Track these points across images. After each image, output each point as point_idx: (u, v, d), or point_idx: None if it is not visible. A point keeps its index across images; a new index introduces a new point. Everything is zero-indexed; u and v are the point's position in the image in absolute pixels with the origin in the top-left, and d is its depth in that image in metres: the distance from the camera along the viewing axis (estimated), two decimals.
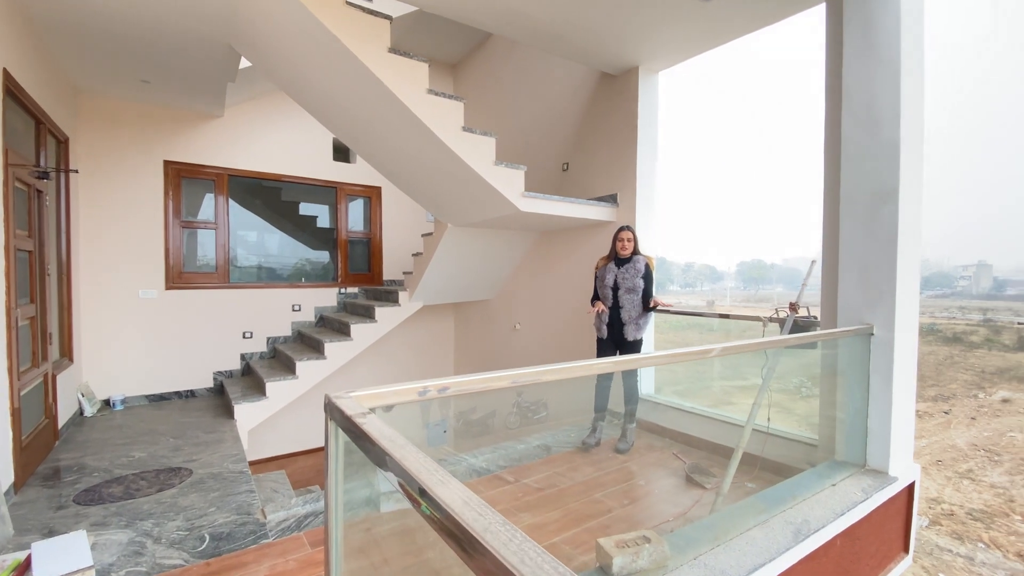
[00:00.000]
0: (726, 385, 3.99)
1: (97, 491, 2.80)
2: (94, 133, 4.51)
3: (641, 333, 3.47)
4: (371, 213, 6.44)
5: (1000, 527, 6.52)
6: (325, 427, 0.89)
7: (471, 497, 0.56)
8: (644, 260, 3.48)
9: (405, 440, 0.70)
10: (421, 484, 0.61)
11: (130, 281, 4.75)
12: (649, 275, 3.48)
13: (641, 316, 3.47)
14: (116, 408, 4.54)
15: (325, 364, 4.70)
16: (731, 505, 2.40)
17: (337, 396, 0.87)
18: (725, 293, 18.32)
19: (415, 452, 0.67)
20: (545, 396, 4.72)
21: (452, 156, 3.18)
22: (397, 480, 0.66)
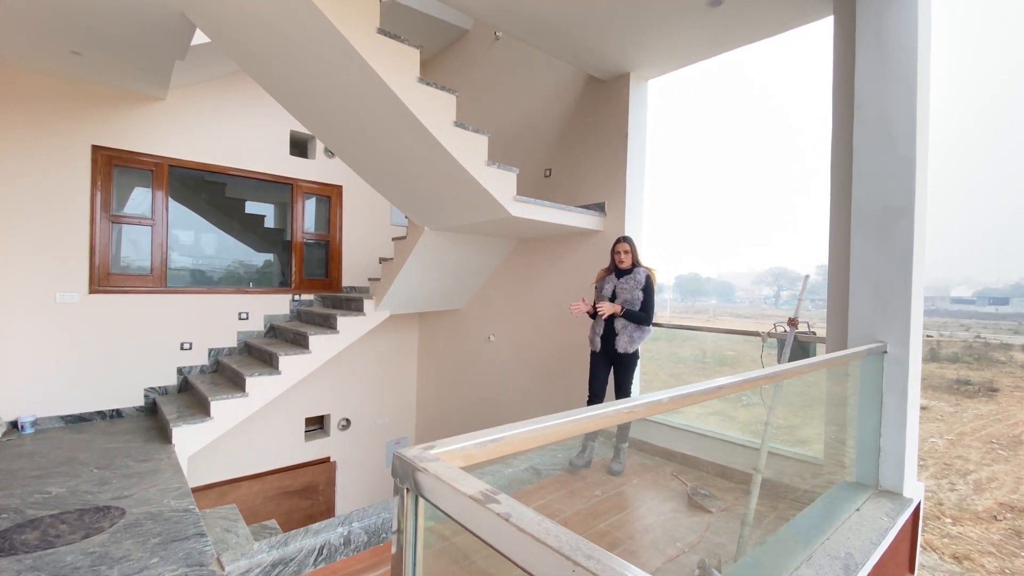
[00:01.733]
0: (713, 399, 3.92)
1: (7, 538, 2.26)
2: (10, 110, 3.85)
3: (635, 346, 3.30)
4: (330, 214, 5.98)
5: (933, 530, 6.93)
6: (402, 506, 0.61)
7: None
8: (645, 272, 3.32)
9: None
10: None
11: (46, 282, 4.07)
12: (649, 288, 3.30)
13: (637, 329, 3.29)
14: (25, 431, 3.85)
15: (280, 379, 4.23)
16: (770, 537, 2.26)
17: (421, 458, 0.60)
18: (665, 304, 18.64)
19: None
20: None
21: (442, 153, 2.91)
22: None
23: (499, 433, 0.68)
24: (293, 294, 5.64)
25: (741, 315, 5.24)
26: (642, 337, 3.32)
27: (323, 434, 5.80)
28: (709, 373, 4.36)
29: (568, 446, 3.68)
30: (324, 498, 5.78)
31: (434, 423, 6.15)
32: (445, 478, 0.52)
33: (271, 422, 5.19)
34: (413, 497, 0.58)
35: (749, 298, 5.35)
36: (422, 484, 0.57)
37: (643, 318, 3.27)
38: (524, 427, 0.69)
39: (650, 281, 3.31)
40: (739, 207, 18.82)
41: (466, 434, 0.68)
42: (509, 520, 0.42)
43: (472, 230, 4.12)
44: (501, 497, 0.49)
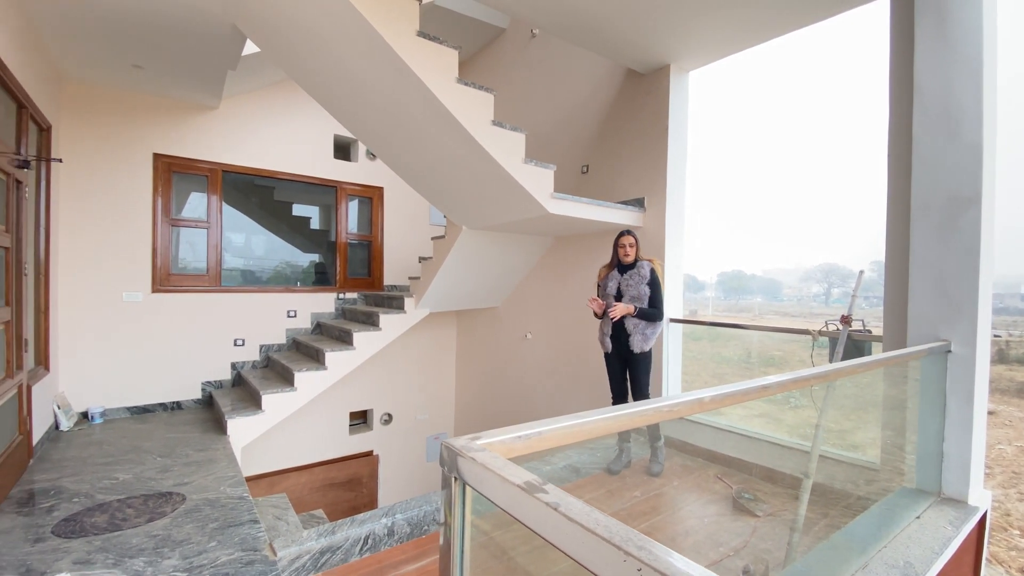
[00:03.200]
0: (760, 399, 3.80)
1: (78, 520, 2.45)
2: (79, 123, 4.15)
3: (648, 344, 3.20)
4: (372, 214, 6.14)
5: (1000, 542, 6.46)
6: (449, 496, 0.62)
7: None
8: (650, 265, 3.20)
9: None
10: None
11: (113, 282, 4.38)
12: (655, 282, 3.19)
13: (649, 326, 3.19)
14: (95, 422, 4.15)
15: (325, 375, 4.39)
16: (820, 545, 2.18)
17: (468, 448, 0.61)
18: (707, 303, 17.72)
19: None
20: None
21: (479, 151, 2.94)
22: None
23: (541, 427, 0.68)
24: (338, 293, 5.83)
25: (788, 313, 5.02)
26: (655, 333, 3.23)
27: (366, 428, 5.97)
28: (754, 374, 4.21)
29: (606, 445, 3.65)
30: (367, 490, 5.95)
31: (472, 420, 6.22)
32: (492, 467, 0.53)
33: (318, 416, 5.38)
34: (460, 486, 0.60)
35: (797, 296, 5.12)
36: (470, 473, 0.58)
37: (655, 315, 3.17)
38: (565, 422, 0.69)
39: (655, 274, 3.20)
40: (786, 201, 18.07)
41: (509, 427, 0.69)
42: (558, 509, 0.43)
43: (509, 228, 4.14)
44: (548, 487, 0.49)
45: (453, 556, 0.64)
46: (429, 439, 6.47)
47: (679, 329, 3.85)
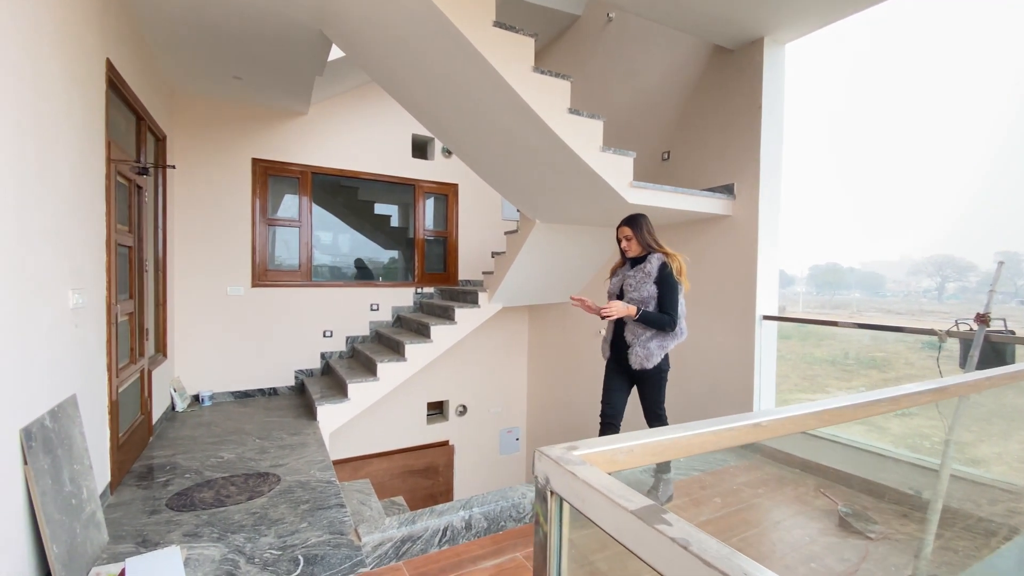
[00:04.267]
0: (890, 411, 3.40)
1: (189, 496, 2.69)
2: (188, 132, 4.57)
3: (651, 361, 2.56)
4: (448, 211, 6.25)
5: None
6: (545, 511, 0.55)
7: None
8: (661, 259, 2.59)
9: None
10: None
11: (219, 277, 4.80)
12: (667, 280, 2.53)
13: (654, 338, 2.56)
14: (205, 404, 4.58)
15: (405, 366, 4.52)
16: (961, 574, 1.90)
17: (566, 460, 0.54)
18: (797, 299, 16.45)
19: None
20: None
21: (555, 141, 2.85)
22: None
23: (646, 438, 0.60)
24: (416, 287, 6.00)
25: (892, 311, 4.46)
26: (663, 347, 2.59)
27: (442, 419, 6.12)
28: (852, 376, 3.80)
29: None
30: (444, 479, 6.10)
31: (544, 415, 6.16)
32: (598, 486, 0.46)
33: (398, 405, 5.58)
34: (557, 501, 0.53)
35: (903, 291, 4.53)
36: (568, 489, 0.51)
37: (663, 321, 2.50)
38: (674, 433, 0.60)
39: (667, 270, 2.54)
40: (891, 186, 15.80)
41: (609, 437, 0.61)
42: (688, 549, 0.35)
43: (584, 221, 4.02)
44: (670, 517, 0.41)
45: (550, 573, 0.58)
46: (502, 432, 6.50)
47: (773, 329, 3.54)
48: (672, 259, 2.59)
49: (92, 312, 2.41)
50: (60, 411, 1.98)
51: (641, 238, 2.65)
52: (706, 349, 3.80)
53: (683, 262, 2.61)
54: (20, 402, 1.69)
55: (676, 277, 2.55)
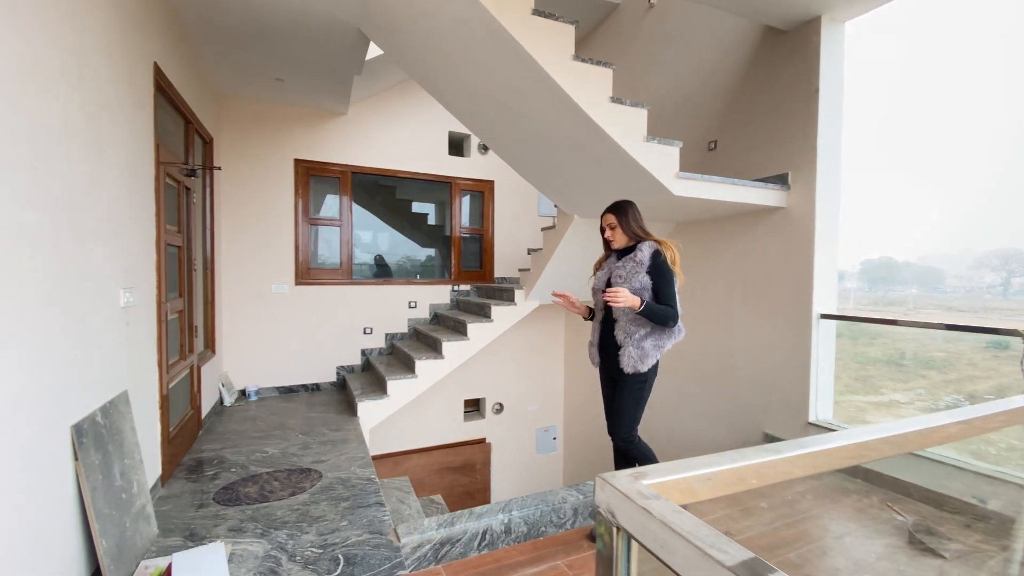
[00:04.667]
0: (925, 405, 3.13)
1: (235, 490, 2.75)
2: (233, 135, 4.70)
3: (646, 363, 2.25)
4: (483, 208, 6.21)
5: None
6: (612, 548, 0.47)
7: None
8: (653, 247, 2.27)
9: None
10: None
11: (264, 276, 4.92)
12: (661, 269, 2.21)
13: (651, 335, 2.25)
14: (251, 399, 4.71)
15: (443, 363, 4.51)
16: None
17: (635, 492, 0.45)
18: (848, 295, 15.58)
19: None
20: None
21: (596, 132, 2.73)
22: None
23: (731, 463, 0.50)
24: (452, 285, 6.00)
25: (952, 308, 4.10)
26: (662, 346, 2.28)
27: (479, 416, 6.09)
28: (909, 377, 3.51)
29: None
30: (481, 476, 6.08)
31: (583, 415, 6.04)
32: (681, 530, 0.37)
33: (436, 401, 5.59)
34: (625, 540, 0.45)
35: (965, 287, 4.15)
36: (641, 528, 0.43)
37: (668, 314, 2.19)
38: (764, 457, 0.50)
39: (661, 258, 2.22)
40: (951, 175, 14.16)
41: (681, 461, 0.52)
42: None
43: None
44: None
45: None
46: (539, 431, 6.42)
47: (831, 328, 3.31)
48: (665, 247, 2.27)
49: (143, 310, 2.48)
50: (112, 407, 2.03)
51: (627, 226, 2.33)
52: (756, 350, 3.60)
53: (676, 250, 2.29)
54: (72, 399, 1.74)
55: (670, 266, 2.23)
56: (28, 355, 1.48)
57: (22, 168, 1.47)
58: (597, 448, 5.74)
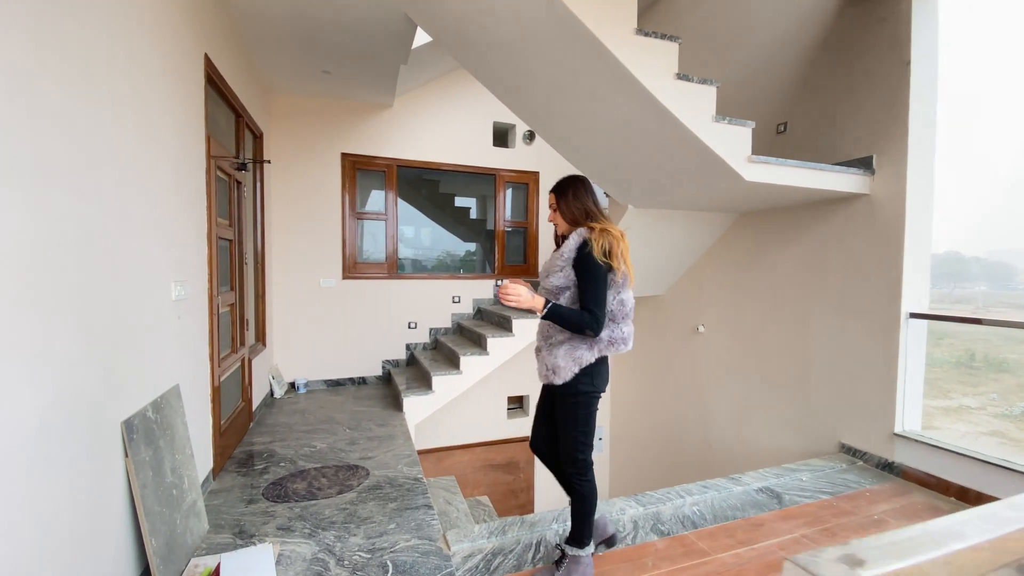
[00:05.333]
0: None
1: (283, 486, 2.72)
2: (282, 129, 4.73)
3: (562, 375, 1.81)
4: (528, 201, 6.04)
5: None
6: None
7: None
8: (581, 237, 1.81)
9: None
10: None
11: (313, 270, 4.95)
12: (584, 262, 1.76)
13: (568, 342, 1.82)
14: (300, 391, 4.75)
15: (488, 359, 4.40)
16: None
17: None
18: None
19: None
20: None
21: (659, 112, 2.51)
22: None
23: (979, 534, 0.33)
24: (496, 279, 5.87)
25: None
26: (580, 359, 1.80)
27: (523, 414, 5.96)
28: (980, 380, 3.23)
29: (833, 466, 2.97)
30: (524, 475, 5.95)
31: (630, 417, 5.80)
32: None
33: (479, 398, 5.49)
34: None
35: None
36: None
37: (579, 320, 1.73)
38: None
39: (585, 251, 1.76)
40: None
41: (906, 532, 0.35)
42: None
43: (687, 205, 3.62)
44: None
45: None
46: None
47: (922, 328, 2.96)
48: (597, 235, 1.78)
49: (195, 303, 2.47)
50: (163, 402, 2.01)
51: (566, 209, 1.89)
52: (833, 351, 3.28)
53: (614, 239, 1.78)
54: (123, 394, 1.71)
55: (600, 259, 1.73)
56: (77, 350, 1.44)
57: (73, 157, 1.42)
58: (645, 449, 5.50)
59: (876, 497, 2.76)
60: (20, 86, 1.20)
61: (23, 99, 1.21)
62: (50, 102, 1.32)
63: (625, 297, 1.83)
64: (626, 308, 1.84)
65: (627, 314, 1.85)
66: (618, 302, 1.82)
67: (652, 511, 2.48)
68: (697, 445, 4.62)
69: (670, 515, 2.46)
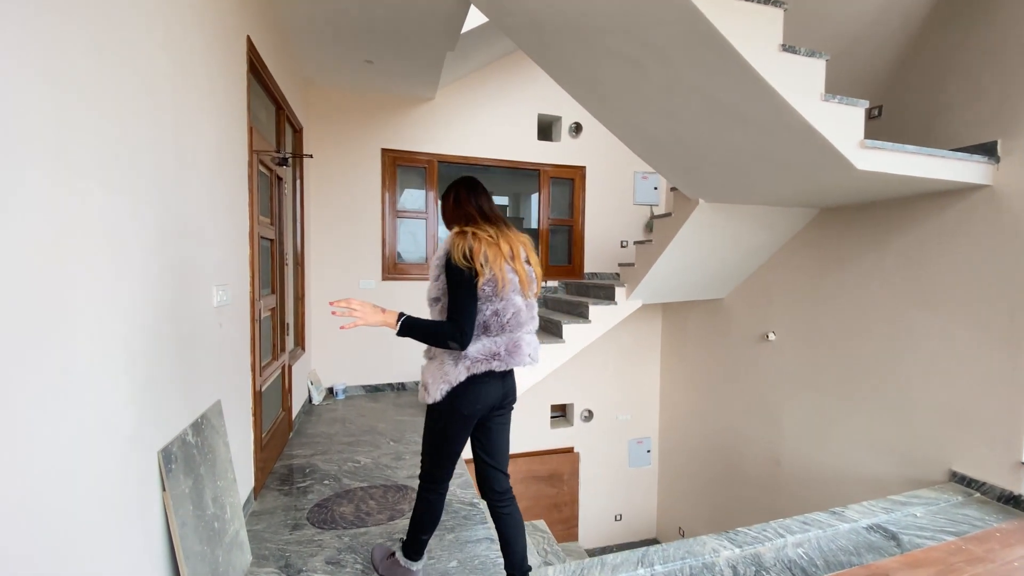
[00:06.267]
0: None
1: (329, 509, 2.48)
2: (322, 124, 4.54)
3: (432, 393, 1.66)
4: (573, 197, 5.71)
5: None
6: None
7: None
8: (447, 243, 1.70)
9: None
10: None
11: (352, 271, 4.74)
12: (449, 270, 1.63)
13: (435, 358, 1.72)
14: (339, 397, 4.56)
15: (536, 367, 4.10)
16: None
17: None
18: None
19: None
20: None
21: (757, 88, 2.16)
22: None
23: None
24: (541, 282, 5.56)
25: None
26: (449, 377, 1.64)
27: (566, 423, 5.65)
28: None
29: (947, 499, 2.57)
30: (568, 488, 5.64)
31: (681, 428, 5.42)
32: None
33: (521, 406, 5.18)
34: None
35: None
36: None
37: (435, 332, 1.62)
38: None
39: (447, 257, 1.64)
40: None
41: None
42: None
43: (771, 199, 3.24)
44: None
45: None
46: (631, 443, 5.87)
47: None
48: (456, 237, 1.66)
49: (236, 309, 2.25)
50: (204, 422, 1.78)
51: (449, 214, 1.81)
52: (942, 367, 2.86)
53: (476, 240, 1.63)
54: (160, 420, 1.48)
55: (461, 263, 1.59)
56: (109, 370, 1.20)
57: (102, 138, 1.18)
58: (700, 465, 5.11)
59: (1009, 538, 2.35)
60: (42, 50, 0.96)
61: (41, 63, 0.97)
62: (75, 72, 1.08)
63: (500, 307, 1.65)
64: (504, 318, 1.66)
65: (505, 325, 1.66)
66: (492, 312, 1.64)
67: (750, 552, 2.14)
68: (763, 463, 4.22)
69: (772, 559, 2.11)
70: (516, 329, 1.70)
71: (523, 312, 1.72)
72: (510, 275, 1.68)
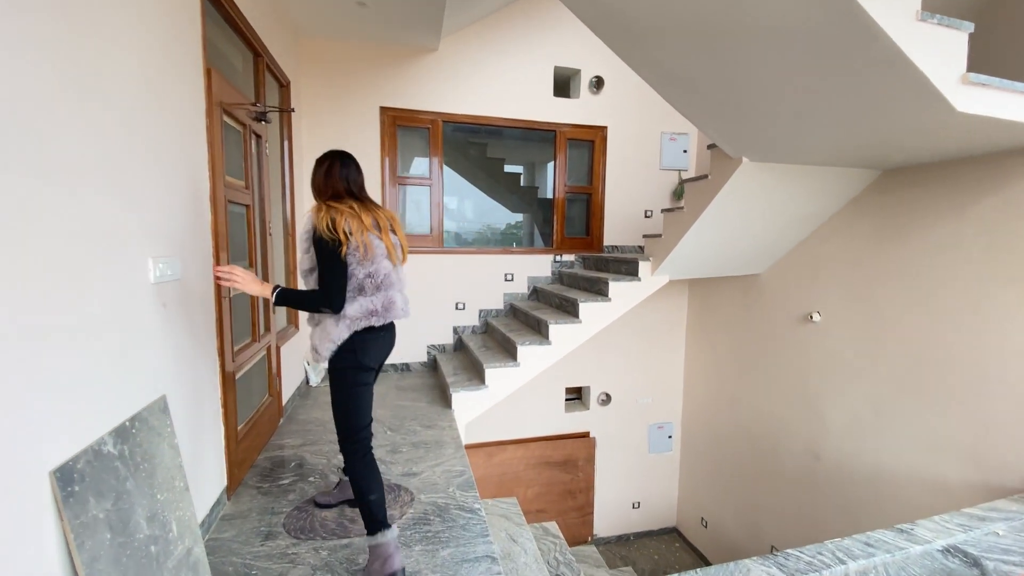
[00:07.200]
0: None
1: (309, 514, 2.17)
2: (315, 81, 4.10)
3: (322, 352, 1.82)
4: (593, 162, 5.21)
5: None
6: None
7: None
8: (310, 216, 1.83)
9: None
10: None
11: None
12: (314, 241, 1.77)
13: (323, 319, 1.85)
14: None
15: (550, 350, 3.76)
16: None
17: None
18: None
19: None
20: None
21: (840, 8, 1.67)
22: None
23: None
24: (554, 255, 5.15)
25: None
26: (333, 336, 1.79)
27: (582, 406, 5.31)
28: None
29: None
30: (584, 475, 5.34)
31: (706, 412, 5.04)
32: None
33: (534, 388, 4.86)
34: None
35: None
36: None
37: (308, 300, 1.82)
38: None
39: (312, 230, 1.79)
40: None
41: None
42: None
43: (830, 156, 2.75)
44: None
45: None
46: (651, 427, 5.52)
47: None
48: (318, 211, 1.80)
49: (191, 286, 1.90)
50: (136, 425, 1.45)
51: (316, 179, 1.97)
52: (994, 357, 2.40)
53: (338, 212, 1.77)
54: (54, 428, 1.13)
55: (326, 235, 1.72)
56: None
57: None
58: (723, 450, 4.75)
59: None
60: None
61: None
62: None
63: (373, 270, 1.82)
64: (377, 279, 1.84)
65: (380, 285, 1.85)
66: (365, 275, 1.81)
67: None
68: (800, 457, 3.83)
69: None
70: (389, 288, 1.89)
71: (393, 274, 1.91)
72: (376, 242, 1.82)
